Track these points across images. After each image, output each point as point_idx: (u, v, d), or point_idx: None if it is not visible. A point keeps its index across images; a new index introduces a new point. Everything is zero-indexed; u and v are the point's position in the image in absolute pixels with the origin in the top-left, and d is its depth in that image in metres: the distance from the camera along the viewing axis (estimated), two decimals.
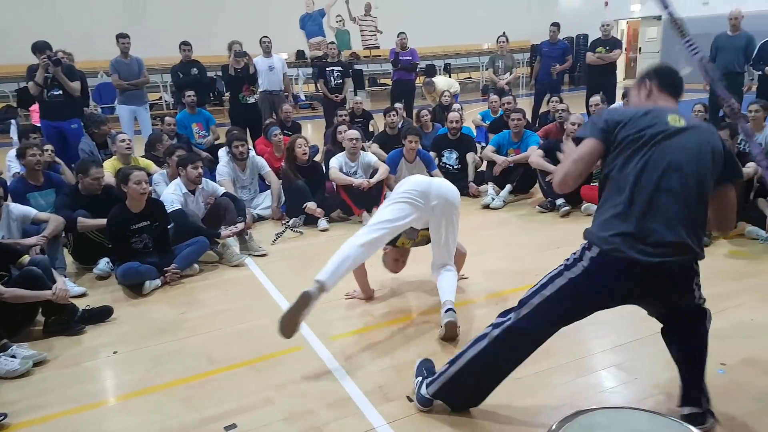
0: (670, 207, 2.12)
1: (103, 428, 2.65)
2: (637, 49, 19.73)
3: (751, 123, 5.62)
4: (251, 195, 6.03)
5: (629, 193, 2.15)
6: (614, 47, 8.74)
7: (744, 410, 2.51)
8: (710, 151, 2.21)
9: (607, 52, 8.72)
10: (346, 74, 9.11)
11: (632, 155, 2.18)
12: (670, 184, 2.13)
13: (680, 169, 2.14)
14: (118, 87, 8.05)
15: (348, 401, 2.72)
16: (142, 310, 3.93)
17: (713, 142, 2.25)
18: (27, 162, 4.91)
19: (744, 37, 7.48)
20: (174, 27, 13.21)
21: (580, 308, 2.31)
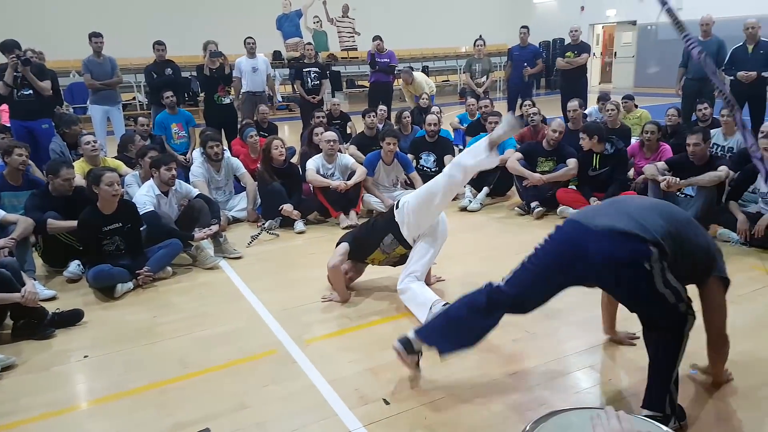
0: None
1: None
2: (613, 53, 20.03)
3: (724, 127, 5.75)
4: (226, 196, 5.97)
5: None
6: (582, 51, 8.93)
7: (714, 410, 2.55)
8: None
9: (575, 57, 8.87)
10: (323, 75, 9.07)
11: None
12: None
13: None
14: (91, 87, 7.91)
15: (324, 404, 2.70)
16: (113, 313, 3.86)
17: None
18: (11, 161, 4.77)
19: (715, 43, 7.63)
20: (148, 26, 13.07)
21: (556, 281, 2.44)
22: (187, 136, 7.51)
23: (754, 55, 7.20)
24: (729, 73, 7.42)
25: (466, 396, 2.72)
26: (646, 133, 5.67)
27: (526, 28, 9.39)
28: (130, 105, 13.55)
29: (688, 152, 4.82)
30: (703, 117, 6.40)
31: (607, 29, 20.45)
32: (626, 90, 13.82)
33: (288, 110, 15.02)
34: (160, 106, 7.81)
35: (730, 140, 5.71)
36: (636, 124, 7.27)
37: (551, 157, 5.81)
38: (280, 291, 4.11)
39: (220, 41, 8.27)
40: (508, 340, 3.21)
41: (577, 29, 9.08)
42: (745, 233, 4.48)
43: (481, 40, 9.58)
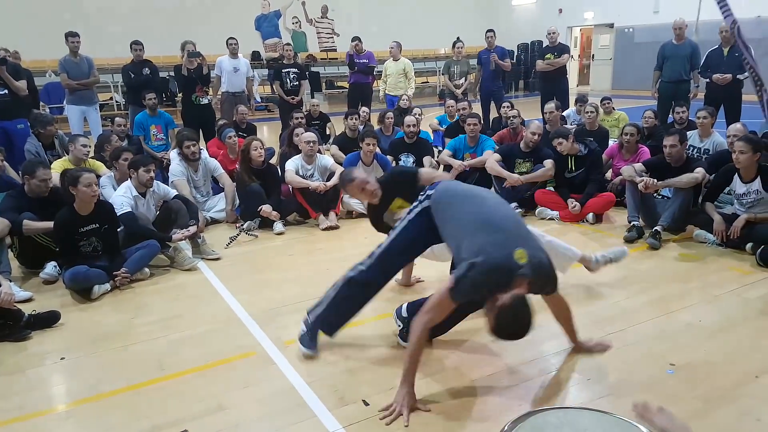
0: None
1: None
2: (591, 56, 20.26)
3: (700, 129, 5.83)
4: (204, 197, 5.92)
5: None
6: (562, 53, 8.96)
7: (690, 409, 2.58)
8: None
9: (555, 58, 8.92)
10: (302, 76, 9.05)
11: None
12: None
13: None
14: (67, 87, 7.83)
15: (303, 406, 2.69)
16: (90, 315, 3.80)
17: None
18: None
19: (689, 46, 7.76)
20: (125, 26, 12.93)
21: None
22: (166, 139, 7.45)
23: (729, 58, 7.32)
24: (705, 75, 7.55)
25: (444, 396, 2.73)
26: (625, 135, 5.74)
27: (492, 32, 9.37)
28: (107, 105, 13.40)
29: (665, 154, 4.89)
30: (680, 120, 6.51)
31: (584, 32, 20.69)
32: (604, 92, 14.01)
33: (267, 111, 14.96)
34: (138, 107, 7.76)
35: (706, 142, 5.81)
36: (614, 126, 7.37)
37: (529, 158, 5.86)
38: (258, 292, 4.09)
39: (197, 41, 8.23)
40: (486, 341, 3.22)
41: (554, 31, 9.12)
42: (721, 234, 4.54)
43: (460, 42, 9.62)
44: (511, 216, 2.71)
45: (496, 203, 2.79)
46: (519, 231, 2.59)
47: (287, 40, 12.26)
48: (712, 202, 4.77)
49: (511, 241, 2.45)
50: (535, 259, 2.41)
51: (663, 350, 3.10)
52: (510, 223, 2.60)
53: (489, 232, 2.52)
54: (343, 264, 4.51)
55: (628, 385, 2.79)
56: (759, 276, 4.06)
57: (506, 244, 2.42)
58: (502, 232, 2.51)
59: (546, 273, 2.49)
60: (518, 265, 2.35)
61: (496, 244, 2.43)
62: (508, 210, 2.78)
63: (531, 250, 2.44)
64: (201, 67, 7.82)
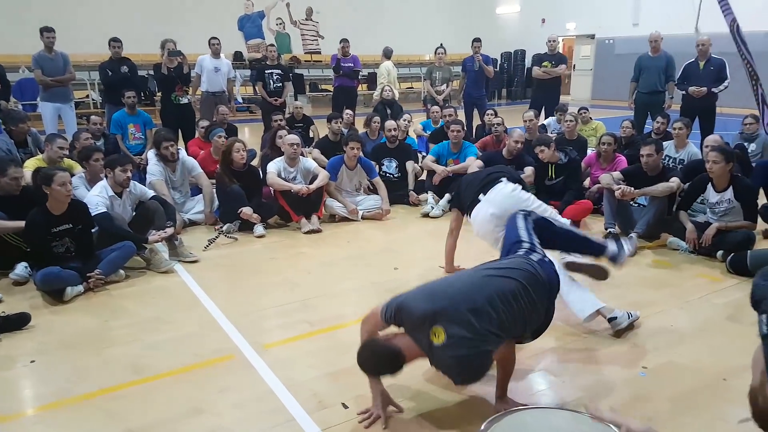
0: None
1: None
2: (572, 66, 20.49)
3: (676, 140, 5.95)
4: (183, 197, 5.83)
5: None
6: (560, 62, 8.98)
7: (661, 411, 2.62)
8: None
9: (553, 67, 8.94)
10: (285, 78, 9.02)
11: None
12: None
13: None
14: (42, 83, 7.68)
15: (282, 410, 2.66)
16: (62, 317, 3.72)
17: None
18: None
19: (664, 58, 7.92)
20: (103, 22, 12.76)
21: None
22: (144, 138, 7.36)
23: (705, 71, 7.47)
24: (681, 87, 7.68)
25: (422, 398, 2.73)
26: (603, 144, 5.81)
27: (479, 41, 9.43)
28: (83, 103, 13.18)
29: (642, 163, 4.96)
30: (658, 130, 6.61)
31: (566, 42, 20.92)
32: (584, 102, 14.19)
33: (249, 112, 14.87)
34: (115, 105, 7.66)
35: (681, 152, 5.92)
36: (591, 135, 7.46)
37: (511, 165, 5.88)
38: (237, 296, 4.05)
39: (178, 40, 8.14)
40: None
41: (555, 39, 9.11)
42: (694, 242, 4.64)
43: (442, 48, 9.65)
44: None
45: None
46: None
47: (270, 41, 12.21)
48: (686, 211, 4.88)
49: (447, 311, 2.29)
50: (450, 347, 2.24)
51: (636, 353, 3.15)
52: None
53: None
54: (326, 268, 4.54)
55: (601, 386, 2.84)
56: (728, 283, 4.16)
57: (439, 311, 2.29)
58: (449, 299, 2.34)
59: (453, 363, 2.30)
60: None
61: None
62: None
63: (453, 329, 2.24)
64: (181, 66, 7.75)
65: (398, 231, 5.64)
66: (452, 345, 2.23)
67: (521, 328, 2.47)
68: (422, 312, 2.30)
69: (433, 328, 2.27)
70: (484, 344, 2.26)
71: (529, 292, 2.42)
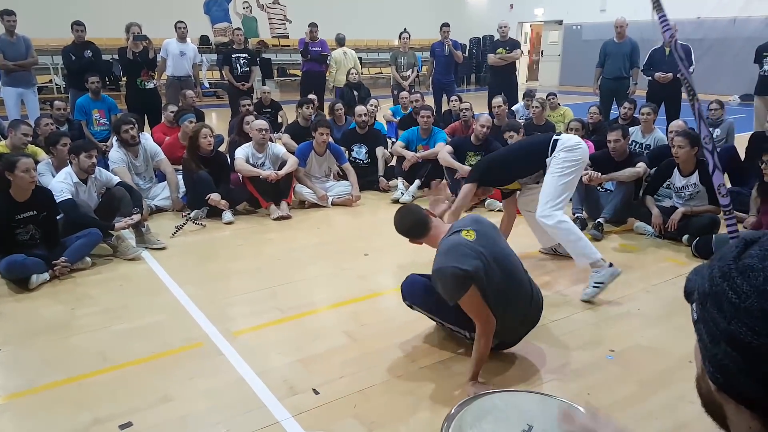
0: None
1: None
2: (540, 52, 20.64)
3: (642, 125, 6.05)
4: (147, 183, 5.73)
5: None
6: (514, 47, 8.97)
7: (628, 393, 2.69)
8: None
9: (507, 53, 8.97)
10: (252, 62, 8.88)
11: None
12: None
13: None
14: (3, 67, 7.45)
15: (252, 396, 2.66)
16: (28, 305, 3.66)
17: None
18: None
19: (629, 44, 8.01)
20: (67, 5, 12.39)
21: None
22: (108, 124, 7.21)
23: (670, 57, 7.56)
24: (647, 73, 7.79)
25: (393, 384, 2.75)
26: (571, 130, 5.87)
27: (447, 25, 9.38)
28: (46, 88, 12.84)
29: (609, 148, 5.03)
30: (625, 115, 6.70)
31: (534, 27, 21.06)
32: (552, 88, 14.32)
33: (216, 97, 14.66)
34: (79, 90, 7.48)
35: (648, 137, 6.03)
36: (559, 121, 7.53)
37: (479, 151, 5.93)
38: (206, 283, 4.01)
39: (143, 23, 7.96)
40: (434, 329, 3.26)
41: (505, 25, 9.10)
42: (659, 227, 4.73)
43: (406, 33, 9.60)
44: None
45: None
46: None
47: (237, 25, 12.03)
48: (652, 196, 4.96)
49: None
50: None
51: (603, 337, 3.21)
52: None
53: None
54: (295, 255, 4.53)
55: (570, 369, 2.89)
56: (694, 266, 4.20)
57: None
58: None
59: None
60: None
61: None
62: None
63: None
64: (147, 50, 7.58)
65: (368, 217, 5.65)
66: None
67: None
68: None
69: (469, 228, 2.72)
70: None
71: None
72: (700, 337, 0.69)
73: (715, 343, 0.65)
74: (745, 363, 0.62)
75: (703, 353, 0.69)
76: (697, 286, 0.70)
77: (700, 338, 0.69)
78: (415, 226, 2.90)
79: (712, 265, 0.69)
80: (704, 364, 0.68)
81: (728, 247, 0.68)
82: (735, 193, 5.36)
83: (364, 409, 2.55)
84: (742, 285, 0.63)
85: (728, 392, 0.66)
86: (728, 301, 0.63)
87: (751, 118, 8.20)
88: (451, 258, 2.57)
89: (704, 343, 0.68)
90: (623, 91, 7.96)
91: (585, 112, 7.02)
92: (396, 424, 2.46)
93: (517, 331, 2.88)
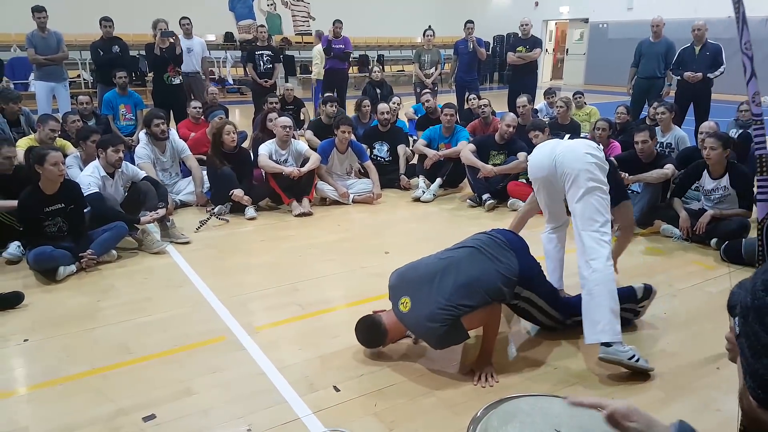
0: None
1: (13, 419, 2.49)
2: (565, 50, 20.42)
3: (661, 124, 5.96)
4: (172, 178, 5.80)
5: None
6: (534, 46, 8.81)
7: (652, 399, 2.64)
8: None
9: (527, 51, 8.83)
10: (276, 59, 8.93)
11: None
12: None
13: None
14: (34, 62, 7.61)
15: (273, 391, 2.67)
16: (55, 296, 3.72)
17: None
18: None
19: (665, 44, 7.86)
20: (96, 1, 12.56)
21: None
22: (135, 119, 7.31)
23: (700, 56, 7.44)
24: (676, 73, 7.66)
25: (413, 384, 2.74)
26: (598, 129, 5.81)
27: (471, 23, 9.28)
28: (74, 83, 13.04)
29: (637, 149, 4.95)
30: (653, 116, 6.59)
31: (559, 26, 20.83)
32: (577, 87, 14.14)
33: (239, 94, 14.75)
34: (107, 85, 7.59)
35: (667, 136, 5.95)
36: (585, 121, 7.45)
37: (503, 150, 5.89)
38: (228, 278, 4.04)
39: (169, 19, 8.04)
40: None
41: (527, 23, 8.96)
42: (687, 230, 4.64)
43: (431, 31, 9.54)
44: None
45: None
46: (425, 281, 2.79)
47: (261, 22, 12.09)
48: (680, 198, 4.87)
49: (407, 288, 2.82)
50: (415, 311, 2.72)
51: (628, 341, 3.14)
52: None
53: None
54: (315, 251, 4.54)
55: (593, 374, 2.84)
56: (722, 271, 4.15)
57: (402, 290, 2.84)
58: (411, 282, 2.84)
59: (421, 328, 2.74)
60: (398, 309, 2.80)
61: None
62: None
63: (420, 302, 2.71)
64: (173, 46, 7.65)
65: (389, 215, 5.64)
66: (418, 313, 2.69)
67: (494, 283, 2.74)
68: (391, 285, 2.91)
69: (402, 298, 2.77)
70: (450, 313, 2.63)
71: (486, 251, 2.84)
72: (742, 351, 0.67)
73: (756, 358, 0.63)
74: None
75: (744, 368, 0.66)
76: (740, 300, 0.68)
77: (743, 353, 0.67)
78: (370, 332, 2.91)
79: (755, 278, 0.66)
80: (745, 379, 0.66)
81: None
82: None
83: (384, 408, 2.55)
84: None
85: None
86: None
87: None
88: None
89: (746, 357, 0.66)
90: (656, 92, 7.83)
91: (610, 112, 6.92)
92: (416, 423, 2.45)
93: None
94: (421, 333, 2.82)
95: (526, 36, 8.92)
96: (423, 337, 2.85)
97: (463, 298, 2.65)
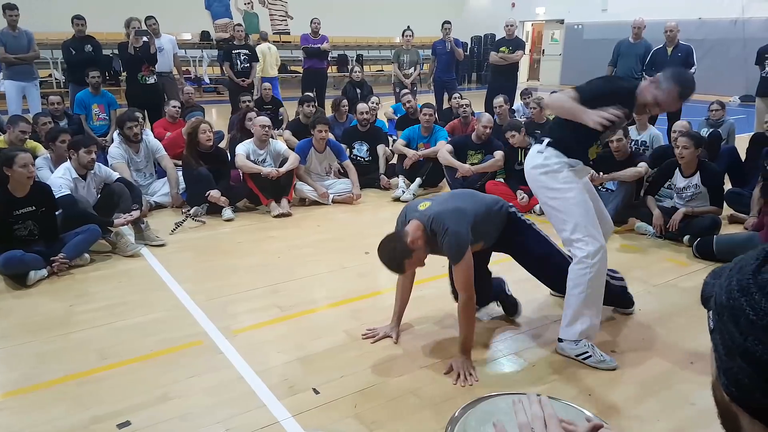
0: None
1: None
2: (541, 51, 20.59)
3: (637, 123, 6.04)
4: (147, 179, 5.71)
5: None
6: (517, 47, 8.85)
7: (629, 394, 2.68)
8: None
9: (510, 53, 8.85)
10: (253, 58, 8.86)
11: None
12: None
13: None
14: (4, 61, 7.44)
15: (251, 395, 2.64)
16: (26, 302, 3.64)
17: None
18: None
19: (643, 46, 7.95)
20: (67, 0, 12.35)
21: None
22: (108, 119, 7.20)
23: (672, 57, 7.55)
24: (649, 73, 7.75)
25: (394, 384, 2.74)
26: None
27: (449, 23, 9.31)
28: (46, 82, 12.80)
29: (612, 148, 5.02)
30: None
31: (536, 26, 21.01)
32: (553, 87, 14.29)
33: (216, 93, 14.62)
34: (79, 85, 7.46)
35: (643, 134, 6.04)
36: None
37: (480, 150, 5.92)
38: (205, 280, 4.00)
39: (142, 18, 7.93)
40: (435, 329, 3.25)
41: (512, 23, 9.00)
42: (660, 227, 4.72)
43: (410, 31, 9.55)
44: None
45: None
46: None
47: (238, 21, 11.98)
48: (653, 196, 4.95)
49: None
50: (431, 212, 2.79)
51: (605, 337, 3.20)
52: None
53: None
54: (296, 252, 4.51)
55: (572, 371, 2.87)
56: (695, 267, 4.25)
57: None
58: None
59: (437, 226, 2.76)
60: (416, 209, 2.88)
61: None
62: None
63: (438, 207, 2.83)
64: (148, 45, 7.55)
65: (369, 215, 5.63)
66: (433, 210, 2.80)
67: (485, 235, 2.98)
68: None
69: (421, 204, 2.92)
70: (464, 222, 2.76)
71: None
72: (716, 347, 0.68)
73: (730, 357, 0.64)
74: (759, 379, 0.61)
75: (717, 364, 0.67)
76: (715, 295, 0.69)
77: (716, 348, 0.68)
78: (395, 245, 2.79)
79: (730, 276, 0.67)
80: (719, 374, 0.67)
81: (748, 257, 0.67)
82: (736, 194, 5.37)
83: (365, 409, 2.54)
84: (760, 302, 0.61)
85: (742, 405, 0.65)
86: (745, 317, 0.62)
87: (751, 119, 8.19)
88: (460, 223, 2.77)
89: (719, 354, 0.66)
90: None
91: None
92: (397, 424, 2.45)
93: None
94: (441, 219, 2.76)
95: (510, 36, 8.96)
96: (445, 221, 2.75)
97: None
